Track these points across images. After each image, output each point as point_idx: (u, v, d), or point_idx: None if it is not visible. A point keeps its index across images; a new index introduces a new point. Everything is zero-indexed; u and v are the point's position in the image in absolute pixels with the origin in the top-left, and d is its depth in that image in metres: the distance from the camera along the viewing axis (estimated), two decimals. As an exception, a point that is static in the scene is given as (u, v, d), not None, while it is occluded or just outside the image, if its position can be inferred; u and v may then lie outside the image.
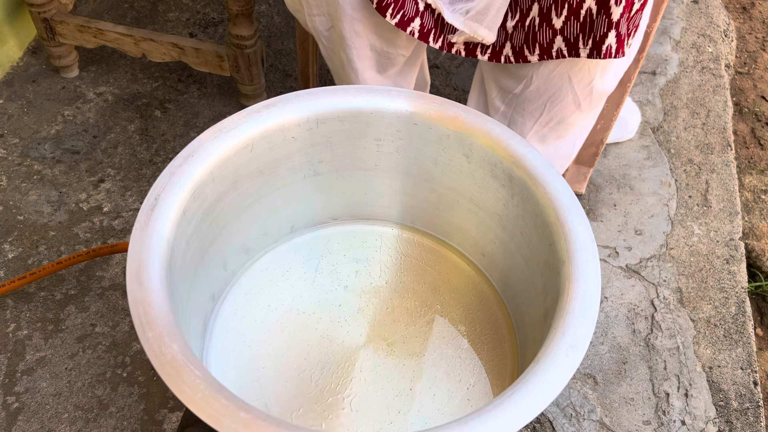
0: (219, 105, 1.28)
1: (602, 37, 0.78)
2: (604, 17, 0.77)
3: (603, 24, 0.77)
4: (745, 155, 1.38)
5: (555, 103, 0.89)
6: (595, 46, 0.79)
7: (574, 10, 0.77)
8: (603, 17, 0.77)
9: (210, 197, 0.67)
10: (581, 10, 0.77)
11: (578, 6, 0.77)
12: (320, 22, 0.92)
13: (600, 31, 0.78)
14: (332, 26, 0.91)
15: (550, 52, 0.81)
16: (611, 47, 0.79)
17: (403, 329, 0.76)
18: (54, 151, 1.19)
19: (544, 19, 0.79)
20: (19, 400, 0.91)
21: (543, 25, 0.80)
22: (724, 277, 1.11)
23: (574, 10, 0.77)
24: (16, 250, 1.06)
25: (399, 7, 0.82)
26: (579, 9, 0.77)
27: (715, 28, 1.53)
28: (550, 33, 0.80)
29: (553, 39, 0.80)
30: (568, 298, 0.59)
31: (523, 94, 0.90)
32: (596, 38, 0.79)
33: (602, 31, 0.78)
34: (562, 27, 0.79)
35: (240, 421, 0.49)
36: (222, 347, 0.73)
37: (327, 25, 0.92)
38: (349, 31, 0.89)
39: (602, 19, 0.77)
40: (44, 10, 1.19)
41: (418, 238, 0.84)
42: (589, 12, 0.77)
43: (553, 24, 0.79)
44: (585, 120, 0.93)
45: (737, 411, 0.97)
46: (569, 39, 0.80)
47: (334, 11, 0.88)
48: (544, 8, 0.79)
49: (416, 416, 0.69)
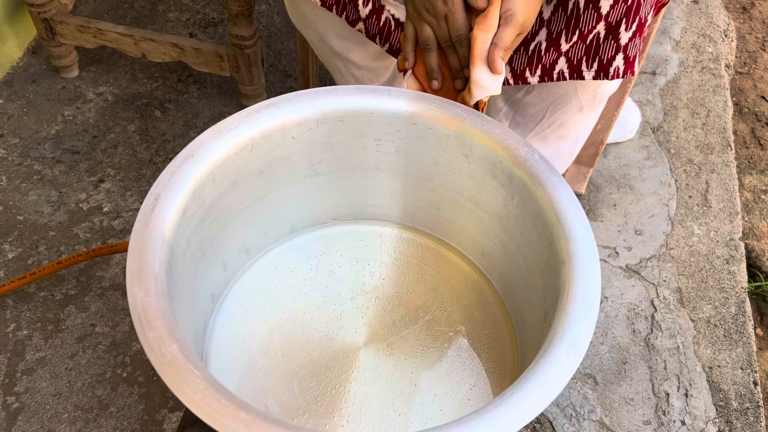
0: (219, 105, 1.28)
1: (609, 60, 0.77)
2: (612, 42, 0.76)
3: (611, 48, 0.76)
4: (745, 155, 1.38)
5: (557, 107, 0.89)
6: (602, 68, 0.78)
7: (584, 35, 0.76)
8: (611, 42, 0.76)
9: (210, 197, 0.67)
10: (590, 35, 0.76)
11: (588, 32, 0.76)
12: (310, 34, 0.93)
13: (607, 55, 0.77)
14: (321, 40, 0.91)
15: (551, 74, 0.80)
16: (619, 69, 0.78)
17: (403, 329, 0.76)
18: (54, 151, 1.19)
19: (551, 44, 0.78)
20: (19, 400, 0.91)
21: (550, 49, 0.78)
22: (724, 277, 1.11)
23: (583, 36, 0.76)
24: (16, 250, 1.06)
25: (385, 39, 0.82)
26: (588, 34, 0.76)
27: (715, 28, 1.53)
28: (555, 55, 0.79)
29: (556, 61, 0.79)
30: (568, 298, 0.59)
31: (525, 99, 0.90)
32: (603, 61, 0.77)
33: (610, 54, 0.77)
34: (568, 50, 0.78)
35: (240, 421, 0.49)
36: (222, 347, 0.73)
37: (317, 39, 0.92)
38: (340, 46, 0.90)
39: (610, 43, 0.76)
40: (44, 10, 1.19)
41: (418, 238, 0.84)
42: (597, 37, 0.76)
43: (560, 48, 0.78)
44: (587, 120, 0.93)
45: (737, 411, 0.97)
46: (572, 61, 0.78)
47: (320, 29, 0.89)
48: (554, 33, 0.78)
49: (416, 416, 0.69)
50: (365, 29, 0.83)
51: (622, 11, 0.74)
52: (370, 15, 0.82)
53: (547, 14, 0.79)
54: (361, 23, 0.83)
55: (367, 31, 0.83)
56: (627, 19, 0.74)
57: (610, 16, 0.74)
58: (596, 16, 0.74)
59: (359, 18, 0.82)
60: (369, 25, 0.83)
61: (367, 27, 0.83)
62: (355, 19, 0.83)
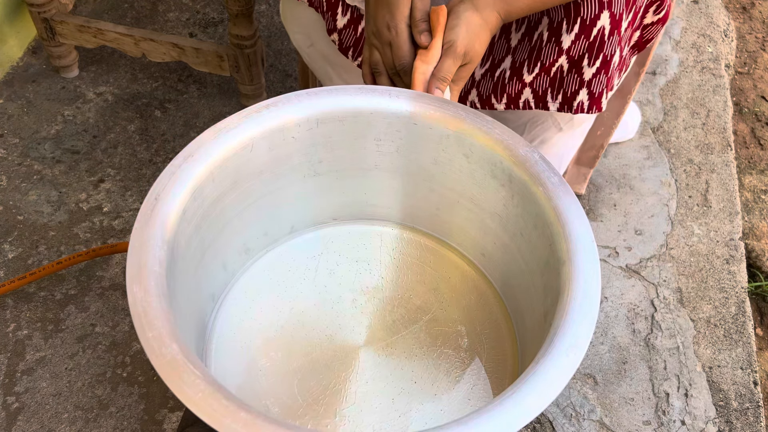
0: (219, 105, 1.28)
1: (573, 94, 0.78)
2: (576, 76, 0.77)
3: (574, 82, 0.77)
4: (745, 155, 1.38)
5: (536, 124, 0.89)
6: (566, 101, 0.79)
7: (546, 68, 0.77)
8: (574, 75, 0.77)
9: (210, 197, 0.67)
10: (552, 68, 0.77)
11: (551, 65, 0.76)
12: (300, 40, 0.93)
13: (571, 88, 0.78)
14: (312, 44, 0.91)
15: (517, 103, 0.81)
16: (583, 103, 0.78)
17: (403, 329, 0.76)
18: (54, 151, 1.19)
19: (515, 73, 0.79)
20: (19, 400, 0.91)
21: (513, 79, 0.79)
22: (724, 277, 1.11)
23: (546, 68, 0.77)
24: (16, 250, 1.06)
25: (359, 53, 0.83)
26: (551, 67, 0.77)
27: (715, 28, 1.53)
28: (519, 86, 0.79)
29: (521, 91, 0.80)
30: (568, 298, 0.59)
31: (504, 114, 0.90)
32: (567, 94, 0.78)
33: (573, 88, 0.77)
34: (532, 81, 0.79)
35: (240, 421, 0.49)
36: (222, 347, 0.73)
37: (307, 43, 0.92)
38: (331, 49, 0.90)
39: (573, 77, 0.77)
40: (44, 10, 1.19)
41: (418, 238, 0.84)
42: (560, 69, 0.77)
43: (523, 78, 0.79)
44: (569, 140, 0.93)
45: (737, 411, 0.97)
46: (537, 92, 0.79)
47: (312, 32, 0.89)
48: (517, 62, 0.79)
49: (416, 416, 0.69)
50: (338, 41, 0.84)
51: (584, 47, 0.75)
52: (347, 25, 0.83)
53: (514, 41, 0.79)
54: (336, 34, 0.84)
55: (340, 43, 0.84)
56: (590, 54, 0.75)
57: (571, 50, 0.75)
58: (557, 49, 0.75)
59: (335, 28, 0.83)
60: (344, 36, 0.83)
61: (341, 39, 0.84)
62: (331, 28, 0.84)
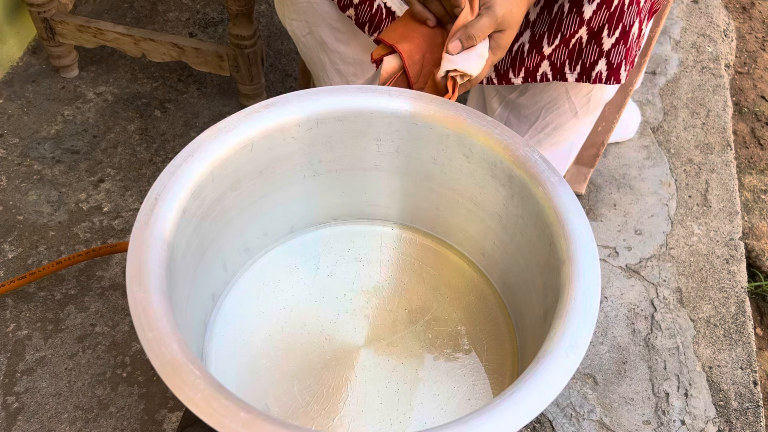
0: (219, 105, 1.28)
1: (592, 64, 0.78)
2: (595, 46, 0.77)
3: (593, 52, 0.78)
4: (745, 155, 1.38)
5: (551, 110, 0.89)
6: (584, 71, 0.79)
7: (566, 39, 0.77)
8: (593, 46, 0.77)
9: (210, 197, 0.67)
10: (572, 40, 0.77)
11: (571, 36, 0.77)
12: (297, 27, 0.92)
13: (590, 59, 0.78)
14: (310, 32, 0.91)
15: (534, 76, 0.81)
16: (602, 73, 0.79)
17: (403, 329, 0.76)
18: (54, 151, 1.19)
19: (534, 46, 0.79)
20: (19, 400, 0.91)
21: (533, 52, 0.80)
22: (724, 277, 1.11)
23: (566, 40, 0.77)
24: (16, 250, 1.06)
25: (375, 28, 0.83)
26: (571, 38, 0.77)
27: (715, 27, 1.53)
28: (538, 58, 0.80)
29: (539, 63, 0.80)
30: (568, 298, 0.59)
31: (519, 100, 0.90)
32: (585, 65, 0.79)
33: (592, 58, 0.78)
34: (551, 53, 0.79)
35: (240, 421, 0.49)
36: (222, 347, 0.73)
37: (304, 31, 0.92)
38: (329, 36, 0.90)
39: (592, 48, 0.77)
40: (44, 10, 1.19)
41: (418, 238, 0.84)
42: (579, 41, 0.77)
43: (542, 51, 0.79)
44: (582, 126, 0.93)
45: (737, 411, 0.97)
46: (555, 64, 0.80)
47: (311, 18, 0.89)
48: (536, 35, 0.79)
49: (416, 416, 0.69)
50: (355, 16, 0.83)
51: (605, 17, 0.75)
52: (363, 1, 0.82)
53: (533, 16, 0.79)
54: (352, 9, 0.83)
55: (357, 18, 0.83)
56: (609, 25, 0.75)
57: (592, 21, 0.75)
58: (578, 20, 0.75)
59: (350, 4, 0.83)
60: (360, 12, 0.83)
61: (358, 14, 0.83)
62: (346, 4, 0.83)
